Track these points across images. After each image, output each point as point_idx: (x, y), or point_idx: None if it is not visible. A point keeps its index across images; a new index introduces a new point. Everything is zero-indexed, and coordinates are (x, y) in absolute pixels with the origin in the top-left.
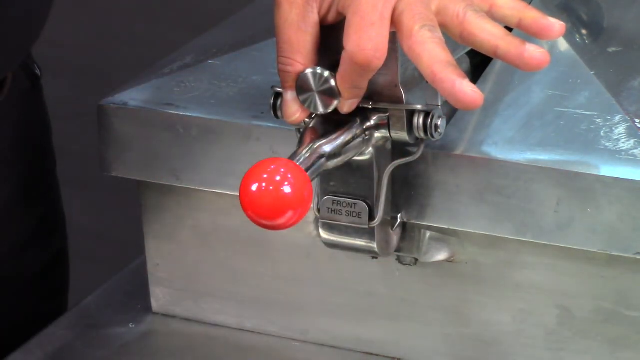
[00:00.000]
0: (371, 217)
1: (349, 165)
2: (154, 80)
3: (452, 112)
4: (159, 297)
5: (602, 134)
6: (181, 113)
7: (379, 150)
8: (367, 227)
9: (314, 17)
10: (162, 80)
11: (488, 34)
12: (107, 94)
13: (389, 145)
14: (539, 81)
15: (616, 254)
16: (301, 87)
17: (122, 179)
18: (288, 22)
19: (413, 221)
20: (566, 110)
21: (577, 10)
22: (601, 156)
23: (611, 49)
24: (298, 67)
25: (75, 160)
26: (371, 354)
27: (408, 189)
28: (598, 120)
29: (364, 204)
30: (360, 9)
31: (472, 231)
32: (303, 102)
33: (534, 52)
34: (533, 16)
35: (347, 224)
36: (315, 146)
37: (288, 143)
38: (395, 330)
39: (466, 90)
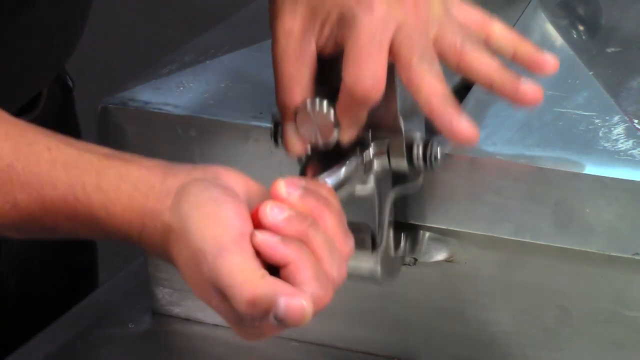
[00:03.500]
0: (374, 244)
1: (351, 194)
2: (153, 81)
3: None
4: (159, 297)
5: (600, 134)
6: (181, 113)
7: (379, 178)
8: (370, 254)
9: (311, 49)
10: (161, 81)
11: (485, 67)
12: (107, 94)
13: (389, 173)
14: (537, 81)
15: (615, 254)
16: (300, 118)
17: None
18: (285, 54)
19: (413, 221)
20: (565, 110)
21: (577, 10)
22: (600, 156)
23: (610, 49)
24: (297, 99)
25: None
26: (371, 354)
27: None
28: (597, 121)
29: (367, 231)
30: (359, 40)
31: (472, 232)
32: (303, 134)
33: (528, 87)
34: (528, 50)
35: None
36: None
37: None
38: (396, 330)
39: (463, 127)
